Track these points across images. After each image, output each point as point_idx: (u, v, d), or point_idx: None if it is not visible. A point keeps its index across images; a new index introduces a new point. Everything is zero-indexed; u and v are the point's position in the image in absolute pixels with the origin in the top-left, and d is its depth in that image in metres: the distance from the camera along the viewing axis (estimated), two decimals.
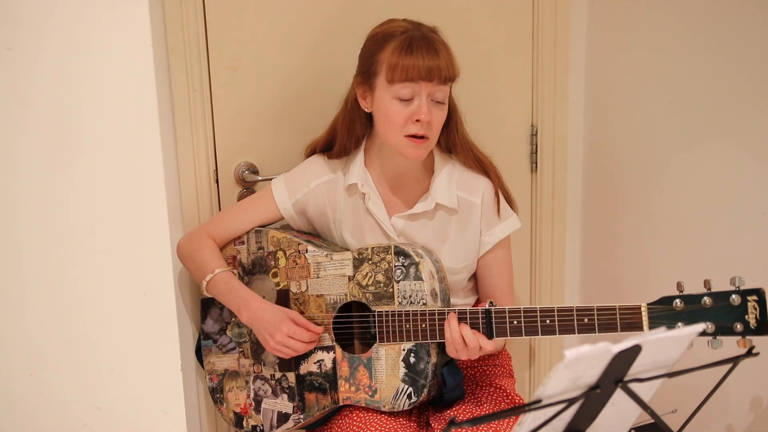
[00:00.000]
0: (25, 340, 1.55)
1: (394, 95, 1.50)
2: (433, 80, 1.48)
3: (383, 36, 1.53)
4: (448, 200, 1.62)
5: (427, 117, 1.49)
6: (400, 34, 1.51)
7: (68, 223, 1.53)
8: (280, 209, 1.68)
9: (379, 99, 1.53)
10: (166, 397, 1.63)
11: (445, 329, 1.48)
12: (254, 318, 1.58)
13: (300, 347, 1.56)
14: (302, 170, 1.70)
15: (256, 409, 1.66)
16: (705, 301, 1.33)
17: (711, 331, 1.32)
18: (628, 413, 1.12)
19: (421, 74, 1.47)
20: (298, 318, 1.58)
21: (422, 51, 1.48)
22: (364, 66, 1.57)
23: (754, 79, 1.52)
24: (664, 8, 1.74)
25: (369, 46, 1.56)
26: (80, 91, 1.49)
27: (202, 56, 1.76)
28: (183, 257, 1.69)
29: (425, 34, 1.51)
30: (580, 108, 2.04)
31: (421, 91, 1.49)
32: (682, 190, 1.72)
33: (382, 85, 1.52)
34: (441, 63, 1.49)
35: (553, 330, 1.43)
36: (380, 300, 1.54)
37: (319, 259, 1.60)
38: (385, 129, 1.55)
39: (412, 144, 1.52)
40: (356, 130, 1.64)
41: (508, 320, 1.46)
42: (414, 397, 1.53)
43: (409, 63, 1.47)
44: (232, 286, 1.62)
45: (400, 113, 1.50)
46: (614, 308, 1.39)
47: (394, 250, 1.54)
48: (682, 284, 1.35)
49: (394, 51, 1.49)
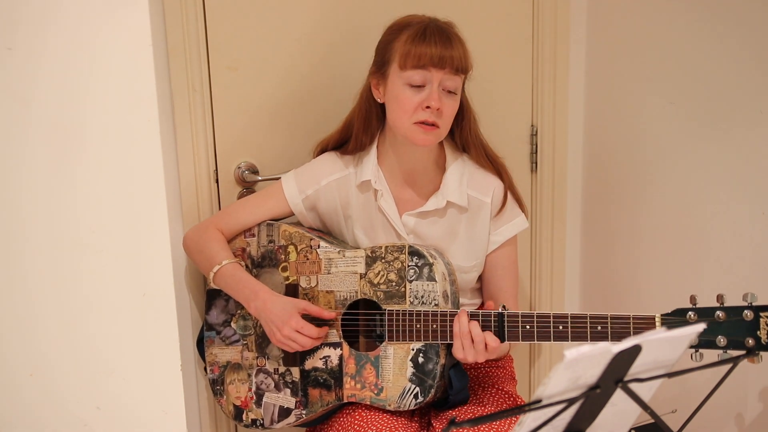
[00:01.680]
0: (25, 340, 1.55)
1: (406, 81, 1.52)
2: (445, 68, 1.50)
3: (399, 26, 1.57)
4: (459, 198, 1.62)
5: (437, 104, 1.51)
6: (416, 24, 1.54)
7: (68, 223, 1.53)
8: (290, 204, 1.68)
9: (391, 86, 1.55)
10: (166, 396, 1.63)
11: (455, 324, 1.48)
12: (262, 309, 1.57)
13: (306, 342, 1.56)
14: (313, 167, 1.70)
15: (257, 402, 1.66)
16: (718, 315, 1.35)
17: (723, 344, 1.34)
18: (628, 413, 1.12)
19: (433, 61, 1.49)
20: (309, 307, 1.57)
21: (435, 38, 1.51)
22: (378, 55, 1.60)
23: (754, 78, 1.52)
24: (664, 8, 1.74)
25: (385, 36, 1.59)
26: (80, 91, 1.49)
27: (202, 56, 1.76)
28: (190, 249, 1.69)
29: (440, 26, 1.55)
30: (580, 108, 2.04)
31: (433, 79, 1.51)
32: (682, 189, 1.72)
33: (395, 72, 1.54)
34: (454, 53, 1.51)
35: (565, 336, 1.43)
36: (391, 299, 1.55)
37: (331, 255, 1.60)
38: (396, 116, 1.56)
39: (422, 130, 1.53)
40: (372, 124, 1.65)
41: (520, 324, 1.46)
42: (420, 397, 1.53)
43: (422, 50, 1.50)
44: (240, 277, 1.61)
45: (411, 99, 1.52)
46: (628, 317, 1.40)
47: (409, 249, 1.55)
48: (695, 297, 1.37)
49: (408, 38, 1.52)
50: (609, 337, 1.41)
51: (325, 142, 1.73)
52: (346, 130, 1.69)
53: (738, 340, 1.33)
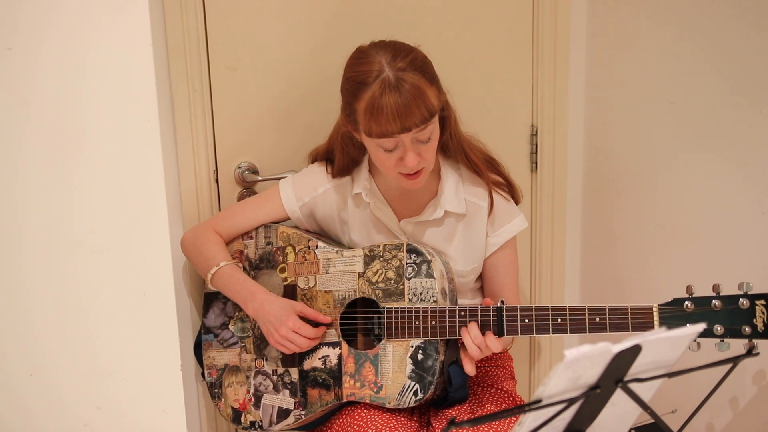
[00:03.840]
0: (25, 340, 1.55)
1: (378, 145, 1.48)
2: (411, 130, 1.44)
3: (356, 83, 1.47)
4: (457, 207, 1.62)
5: (412, 164, 1.47)
6: (372, 82, 1.44)
7: (68, 223, 1.53)
8: (287, 211, 1.68)
9: (366, 143, 1.52)
10: (166, 397, 1.63)
11: (464, 334, 1.48)
12: (260, 310, 1.57)
13: (303, 343, 1.56)
14: (310, 174, 1.70)
15: (255, 404, 1.66)
16: (715, 303, 1.37)
17: (720, 333, 1.36)
18: (628, 413, 1.12)
19: (396, 130, 1.43)
20: (306, 310, 1.58)
21: (391, 109, 1.41)
22: (345, 108, 1.53)
23: (754, 79, 1.52)
24: (664, 8, 1.74)
25: (346, 87, 1.51)
26: (80, 91, 1.49)
27: (202, 56, 1.76)
28: (187, 250, 1.69)
29: (396, 82, 1.42)
30: (580, 108, 2.04)
31: (403, 140, 1.46)
32: (682, 189, 1.72)
33: (364, 135, 1.49)
34: (414, 115, 1.42)
35: (564, 329, 1.44)
36: (390, 297, 1.55)
37: (329, 255, 1.61)
38: (379, 166, 1.55)
39: (407, 179, 1.53)
40: (351, 154, 1.64)
41: (519, 318, 1.47)
42: (420, 394, 1.53)
43: (382, 125, 1.43)
44: (237, 278, 1.62)
45: (388, 159, 1.49)
46: (626, 308, 1.41)
47: (407, 247, 1.55)
48: (692, 287, 1.39)
49: (366, 110, 1.44)
50: (607, 328, 1.41)
51: (314, 153, 1.73)
52: (330, 147, 1.68)
53: (735, 328, 1.35)
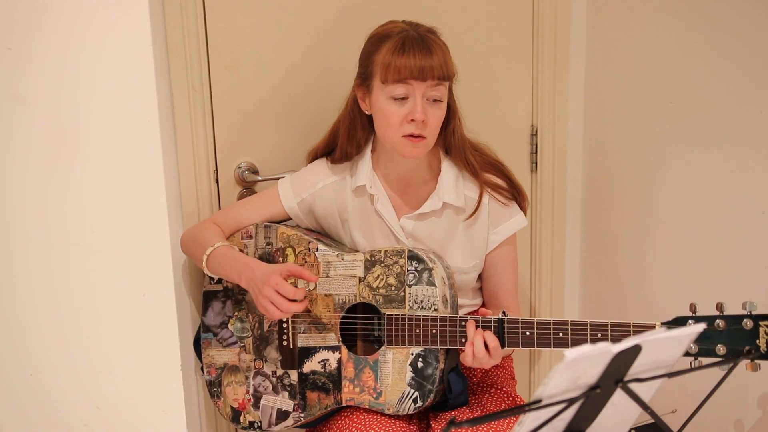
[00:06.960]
0: (24, 340, 1.55)
1: (389, 95, 1.51)
2: (426, 80, 1.49)
3: (379, 37, 1.55)
4: (455, 199, 1.62)
5: (421, 116, 1.50)
6: (396, 35, 1.52)
7: (68, 223, 1.53)
8: (285, 207, 1.68)
9: (375, 100, 1.54)
10: (166, 397, 1.63)
11: (467, 347, 1.47)
12: (251, 279, 1.52)
13: (283, 304, 1.47)
14: (308, 172, 1.70)
15: (254, 405, 1.66)
16: (718, 323, 1.34)
17: (722, 353, 1.33)
18: (628, 413, 1.12)
19: (413, 74, 1.48)
20: (293, 267, 1.52)
21: (414, 51, 1.49)
22: (362, 68, 1.58)
23: (754, 79, 1.52)
24: (664, 8, 1.74)
25: (367, 47, 1.58)
26: (80, 91, 1.49)
27: (202, 56, 1.76)
28: (185, 242, 1.69)
29: (421, 34, 1.52)
30: (580, 108, 2.04)
31: (415, 91, 1.50)
32: (682, 189, 1.72)
33: (378, 86, 1.53)
34: (434, 62, 1.49)
35: (565, 343, 1.42)
36: (390, 303, 1.54)
37: (330, 258, 1.60)
38: (383, 130, 1.56)
39: (409, 143, 1.53)
40: (357, 134, 1.64)
41: (520, 331, 1.45)
42: (419, 401, 1.53)
43: (401, 63, 1.48)
44: (232, 255, 1.59)
45: (396, 113, 1.51)
46: (628, 325, 1.39)
47: (408, 254, 1.54)
48: (695, 305, 1.36)
49: (388, 51, 1.50)
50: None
51: (314, 151, 1.73)
52: (332, 138, 1.69)
53: (737, 348, 1.32)
